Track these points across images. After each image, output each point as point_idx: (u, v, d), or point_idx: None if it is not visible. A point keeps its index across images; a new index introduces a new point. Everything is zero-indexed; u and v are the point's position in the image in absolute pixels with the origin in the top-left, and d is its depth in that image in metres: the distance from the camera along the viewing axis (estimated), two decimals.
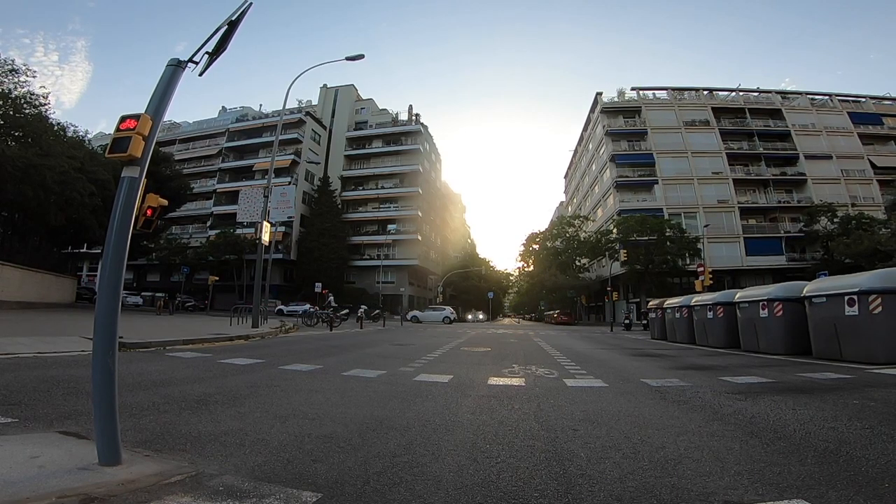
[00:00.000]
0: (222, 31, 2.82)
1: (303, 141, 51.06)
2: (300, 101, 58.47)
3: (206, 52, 2.80)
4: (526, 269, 57.72)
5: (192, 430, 3.00)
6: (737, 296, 10.69)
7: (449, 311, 34.87)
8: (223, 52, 2.87)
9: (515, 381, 5.44)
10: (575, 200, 63.97)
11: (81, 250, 33.72)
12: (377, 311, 31.47)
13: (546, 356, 8.78)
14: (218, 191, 51.23)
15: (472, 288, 56.66)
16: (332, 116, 57.61)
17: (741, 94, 47.02)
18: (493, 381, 5.47)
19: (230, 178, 52.42)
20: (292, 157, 49.05)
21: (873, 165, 40.97)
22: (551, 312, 50.77)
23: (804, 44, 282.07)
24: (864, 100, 46.21)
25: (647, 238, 35.73)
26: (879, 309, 6.87)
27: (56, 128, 23.28)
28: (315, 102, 59.40)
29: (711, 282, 23.03)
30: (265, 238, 15.25)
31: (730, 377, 5.75)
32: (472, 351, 9.66)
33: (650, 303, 17.78)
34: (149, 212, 2.79)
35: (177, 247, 45.30)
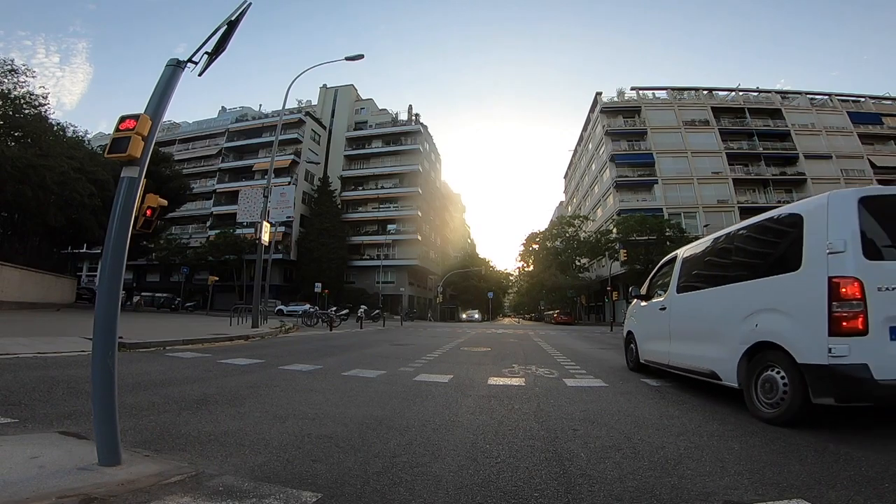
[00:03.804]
0: (221, 31, 2.81)
1: (302, 141, 51.03)
2: (300, 102, 58.48)
3: (206, 53, 2.80)
4: (526, 269, 57.70)
5: (191, 430, 3.00)
6: None
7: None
8: (222, 52, 2.87)
9: (515, 381, 5.44)
10: (575, 200, 63.97)
11: (81, 251, 33.71)
12: (377, 311, 31.49)
13: (546, 356, 8.78)
14: (218, 191, 51.20)
15: (472, 288, 56.65)
16: (332, 116, 57.58)
17: (741, 93, 47.03)
18: (493, 380, 5.47)
19: (230, 178, 52.40)
20: (292, 157, 49.04)
21: (873, 165, 40.96)
22: (551, 312, 50.77)
23: (799, 45, 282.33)
24: (863, 100, 46.20)
25: (646, 238, 35.73)
26: None
27: (56, 128, 23.27)
28: (315, 102, 59.39)
29: None
30: (265, 238, 15.25)
31: None
32: (471, 351, 9.66)
33: None
34: (148, 212, 2.79)
35: (176, 247, 45.27)
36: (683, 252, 5.66)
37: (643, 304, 6.53)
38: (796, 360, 3.20)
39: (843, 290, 3.03)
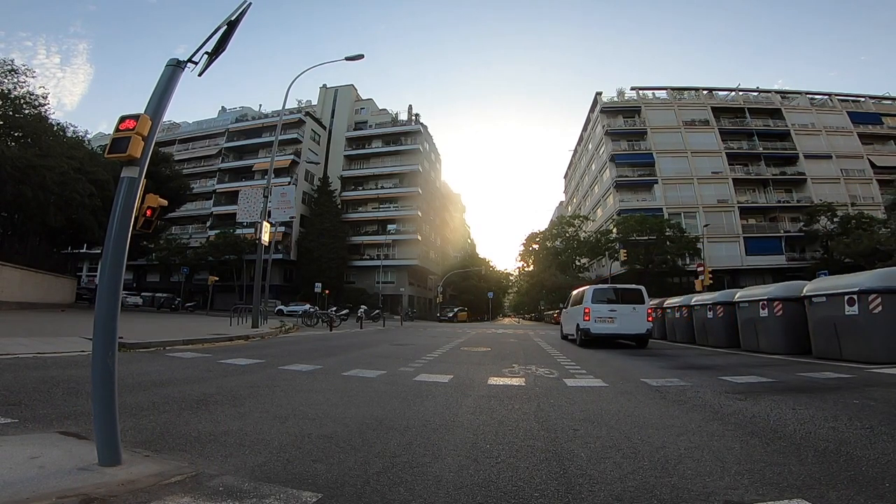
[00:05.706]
0: (221, 31, 2.82)
1: (302, 141, 51.01)
2: (300, 101, 58.45)
3: (206, 53, 2.80)
4: (526, 269, 57.58)
5: (191, 430, 3.00)
6: (737, 295, 10.69)
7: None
8: (222, 52, 2.87)
9: (515, 381, 5.44)
10: (575, 200, 63.94)
11: (81, 251, 33.66)
12: (377, 311, 31.48)
13: (546, 356, 8.78)
14: (218, 191, 51.19)
15: (472, 288, 56.60)
16: (332, 116, 57.54)
17: (741, 93, 46.98)
18: (493, 380, 5.47)
19: (230, 178, 52.39)
20: (292, 157, 49.02)
21: (873, 165, 40.94)
22: (551, 312, 50.70)
23: (799, 44, 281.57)
24: (863, 99, 46.14)
25: (646, 238, 35.70)
26: (879, 308, 6.87)
27: (56, 128, 23.26)
28: (314, 102, 59.36)
29: (711, 281, 22.99)
30: (265, 238, 15.24)
31: (730, 377, 5.75)
32: (471, 351, 9.66)
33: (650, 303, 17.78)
34: (148, 212, 2.79)
35: (176, 247, 45.26)
36: (573, 293, 13.48)
37: (565, 310, 14.51)
38: (581, 327, 11.35)
39: (586, 310, 11.13)
